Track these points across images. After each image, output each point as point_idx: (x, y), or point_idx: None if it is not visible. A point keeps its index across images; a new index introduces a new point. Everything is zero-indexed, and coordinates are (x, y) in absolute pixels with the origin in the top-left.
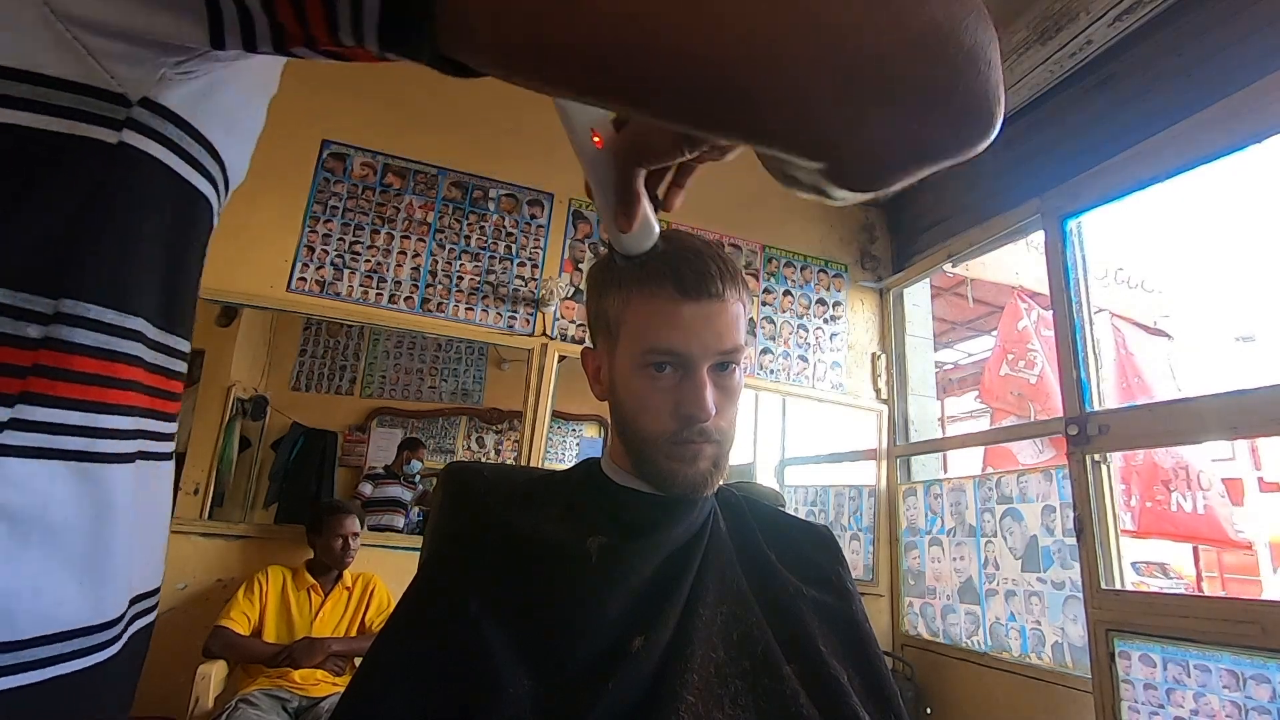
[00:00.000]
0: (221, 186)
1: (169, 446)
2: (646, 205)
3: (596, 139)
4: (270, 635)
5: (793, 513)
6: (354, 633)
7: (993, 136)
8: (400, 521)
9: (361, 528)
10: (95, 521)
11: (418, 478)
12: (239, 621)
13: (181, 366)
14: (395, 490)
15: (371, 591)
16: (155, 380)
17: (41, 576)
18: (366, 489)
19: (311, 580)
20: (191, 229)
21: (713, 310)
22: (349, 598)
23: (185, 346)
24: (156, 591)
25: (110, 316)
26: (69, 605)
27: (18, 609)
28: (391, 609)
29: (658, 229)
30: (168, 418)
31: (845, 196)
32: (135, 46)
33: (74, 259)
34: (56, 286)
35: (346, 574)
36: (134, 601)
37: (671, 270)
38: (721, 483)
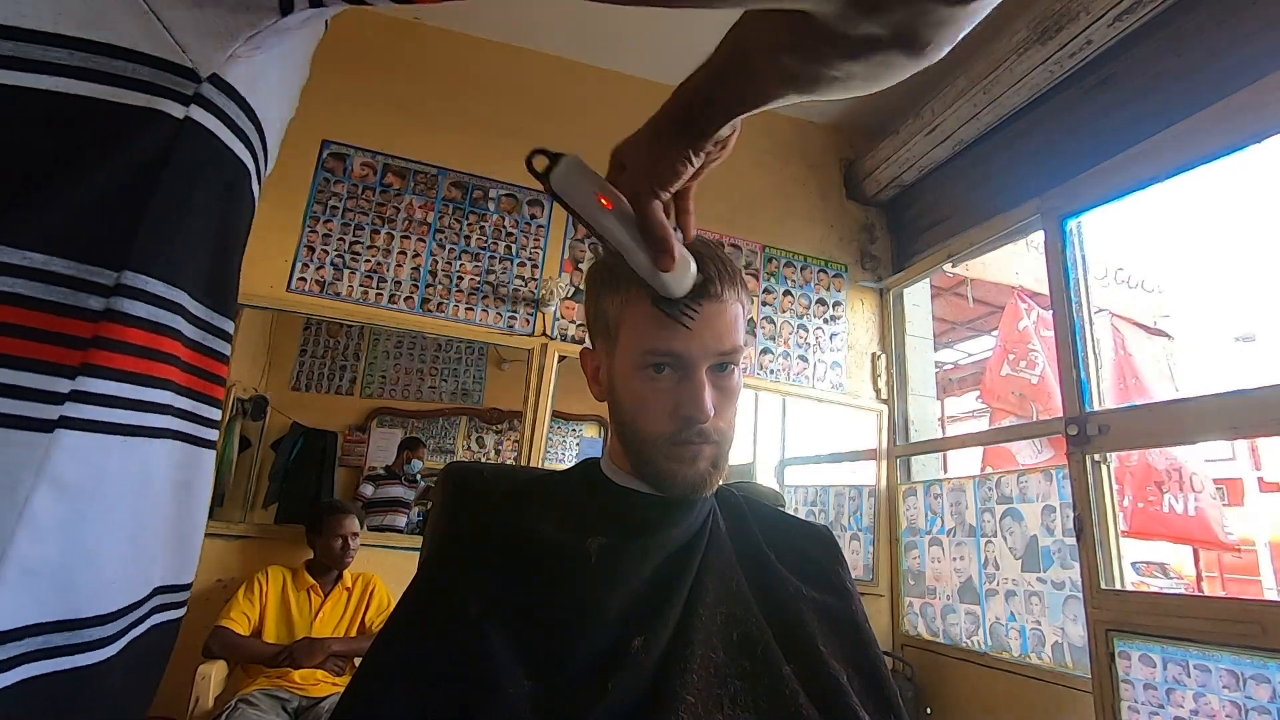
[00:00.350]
0: (263, 165)
1: (213, 434)
2: (676, 237)
3: (604, 202)
4: (270, 635)
5: (792, 513)
6: (354, 633)
7: None
8: (402, 521)
9: (361, 528)
10: (138, 498)
11: (419, 477)
12: (239, 621)
13: (226, 348)
14: (397, 490)
15: (371, 592)
16: (197, 359)
17: (98, 552)
18: (368, 490)
19: (311, 580)
20: (239, 207)
21: (711, 311)
22: (349, 598)
23: (230, 328)
24: (187, 587)
25: (160, 289)
26: (120, 584)
27: (76, 583)
28: (391, 609)
29: (693, 260)
30: (211, 401)
31: (939, 36)
32: (208, 13)
33: (135, 232)
34: (119, 259)
35: (346, 574)
36: (158, 592)
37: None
38: (721, 483)
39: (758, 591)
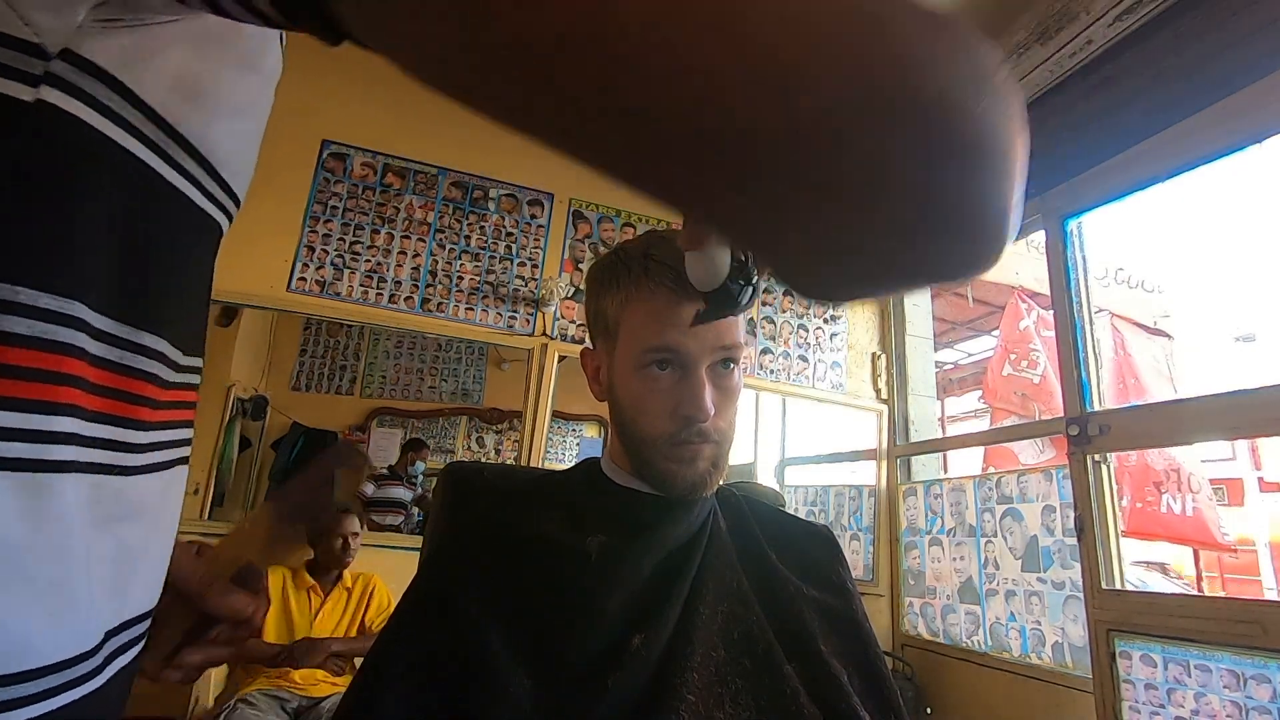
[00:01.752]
0: (192, 166)
1: (134, 459)
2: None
3: None
4: (270, 636)
5: (792, 512)
6: (354, 633)
7: (997, 255)
8: (400, 521)
9: (361, 528)
10: (54, 539)
11: (420, 479)
12: None
13: (155, 366)
14: (399, 491)
15: (371, 592)
16: (106, 378)
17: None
18: (369, 488)
19: (311, 581)
20: (144, 210)
21: None
22: (349, 598)
23: (154, 343)
24: (145, 617)
25: (46, 301)
26: (40, 637)
27: None
28: (391, 609)
29: (726, 271)
30: (136, 425)
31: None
32: None
33: (4, 237)
34: None
35: (346, 574)
36: (115, 633)
37: (671, 269)
38: (721, 482)
39: (758, 590)
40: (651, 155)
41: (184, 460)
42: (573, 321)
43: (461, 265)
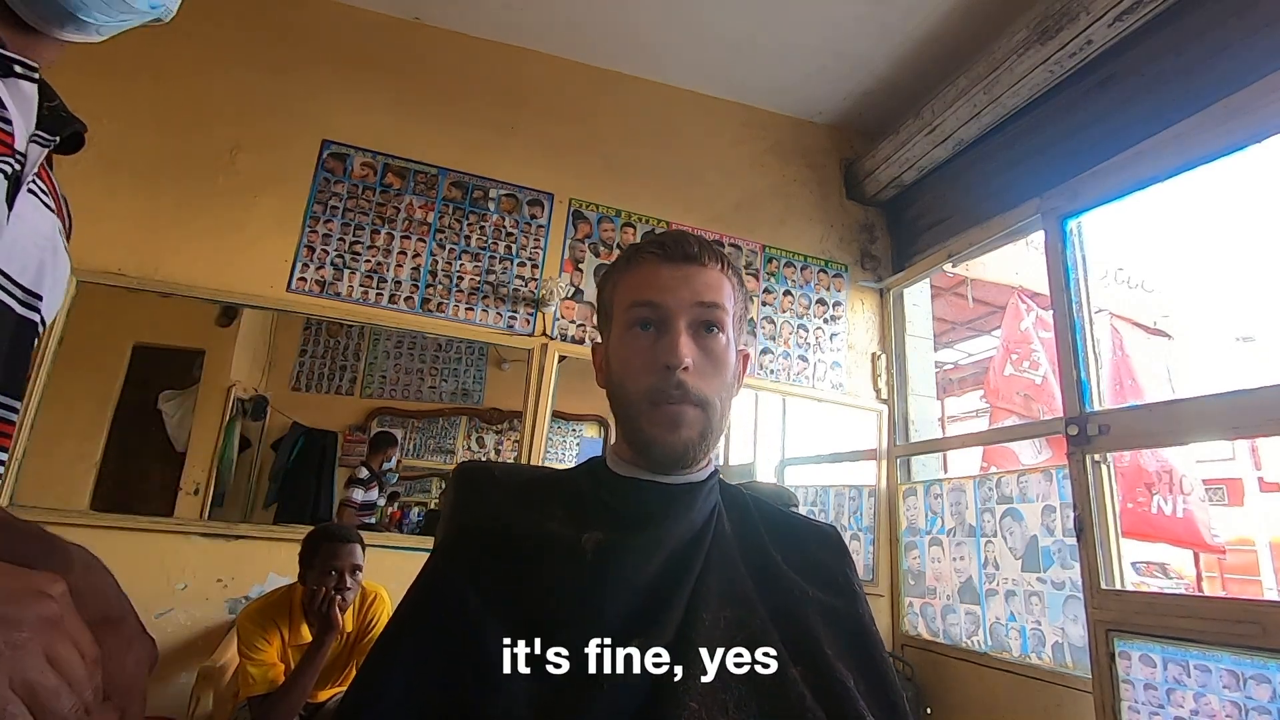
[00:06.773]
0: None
1: None
2: None
3: None
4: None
5: (800, 513)
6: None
7: None
8: (374, 522)
9: (364, 554)
10: None
11: (389, 477)
12: (261, 682)
13: None
14: (374, 494)
15: (372, 617)
16: None
17: None
18: (357, 495)
19: (307, 637)
20: None
21: (690, 271)
22: (342, 640)
23: None
24: None
25: None
26: None
27: None
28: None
29: None
30: None
31: None
32: None
33: None
34: None
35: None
36: None
37: (655, 244)
38: (711, 458)
39: (763, 593)
40: None
41: None
42: (573, 321)
43: (461, 265)
